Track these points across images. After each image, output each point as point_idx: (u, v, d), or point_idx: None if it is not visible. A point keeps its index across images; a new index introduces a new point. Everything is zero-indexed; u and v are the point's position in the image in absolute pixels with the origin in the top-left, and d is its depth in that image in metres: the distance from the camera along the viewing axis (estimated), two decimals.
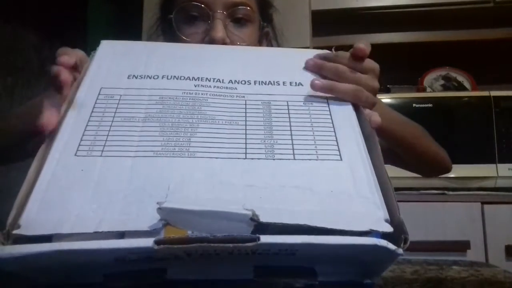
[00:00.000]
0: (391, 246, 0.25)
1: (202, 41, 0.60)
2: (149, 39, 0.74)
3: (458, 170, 1.16)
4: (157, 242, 0.23)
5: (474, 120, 1.21)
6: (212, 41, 0.59)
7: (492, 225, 1.06)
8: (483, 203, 1.08)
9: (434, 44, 1.45)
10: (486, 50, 1.44)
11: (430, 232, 1.06)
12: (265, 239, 0.24)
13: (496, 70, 1.45)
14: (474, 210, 1.07)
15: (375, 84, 0.42)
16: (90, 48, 0.41)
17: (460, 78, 1.46)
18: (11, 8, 0.99)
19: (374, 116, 0.37)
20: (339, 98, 0.39)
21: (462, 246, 1.04)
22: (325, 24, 1.40)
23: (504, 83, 1.44)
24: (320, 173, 0.31)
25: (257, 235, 0.24)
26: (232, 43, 0.61)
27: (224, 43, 0.59)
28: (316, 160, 0.32)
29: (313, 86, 0.38)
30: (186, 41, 0.61)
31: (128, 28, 1.35)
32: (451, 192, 1.13)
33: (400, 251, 0.25)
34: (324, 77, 0.41)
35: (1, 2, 0.95)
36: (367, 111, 0.38)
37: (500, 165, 1.16)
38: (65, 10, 1.19)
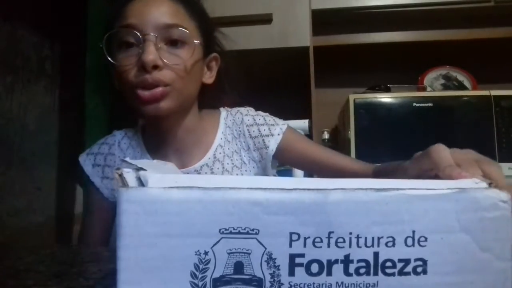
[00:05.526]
0: None
1: (136, 65, 0.59)
2: None
3: None
4: None
5: (474, 119, 1.21)
6: (143, 64, 0.57)
7: None
8: None
9: (434, 43, 1.45)
10: (486, 49, 1.44)
11: None
12: None
13: (496, 69, 1.45)
14: None
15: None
16: (90, 48, 0.41)
17: (460, 77, 1.46)
18: (11, 8, 0.99)
19: None
20: None
21: None
22: (325, 23, 1.40)
23: (504, 82, 1.44)
24: None
25: None
26: (166, 65, 0.59)
27: (156, 65, 0.58)
28: None
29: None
30: (119, 68, 0.60)
31: None
32: None
33: None
34: None
35: (1, 1, 0.95)
36: None
37: (500, 164, 1.15)
38: (65, 10, 1.19)
